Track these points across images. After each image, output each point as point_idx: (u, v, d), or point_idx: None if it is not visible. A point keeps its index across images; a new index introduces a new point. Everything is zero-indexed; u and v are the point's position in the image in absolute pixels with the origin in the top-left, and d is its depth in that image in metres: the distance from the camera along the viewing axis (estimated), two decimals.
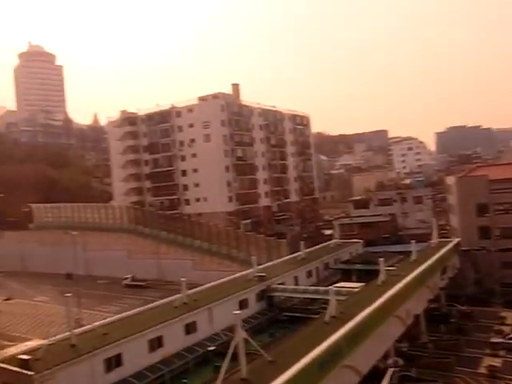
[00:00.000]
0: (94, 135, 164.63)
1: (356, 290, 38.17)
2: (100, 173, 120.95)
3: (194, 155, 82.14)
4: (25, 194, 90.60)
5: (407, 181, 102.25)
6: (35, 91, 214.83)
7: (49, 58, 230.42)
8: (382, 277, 37.77)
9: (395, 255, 53.84)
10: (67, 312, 28.90)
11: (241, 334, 20.82)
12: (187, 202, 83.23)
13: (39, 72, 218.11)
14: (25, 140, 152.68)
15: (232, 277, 42.94)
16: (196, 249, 69.05)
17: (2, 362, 24.03)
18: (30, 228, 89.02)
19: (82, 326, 33.31)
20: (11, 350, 28.64)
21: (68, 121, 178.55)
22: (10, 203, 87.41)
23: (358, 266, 49.60)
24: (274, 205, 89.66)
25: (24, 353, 24.89)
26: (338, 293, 33.76)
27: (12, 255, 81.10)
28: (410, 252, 48.84)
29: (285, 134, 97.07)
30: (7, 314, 54.70)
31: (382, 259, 39.38)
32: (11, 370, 22.98)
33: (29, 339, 39.38)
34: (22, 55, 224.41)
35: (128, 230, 75.87)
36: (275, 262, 50.43)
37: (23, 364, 23.31)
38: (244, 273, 43.52)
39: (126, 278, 67.05)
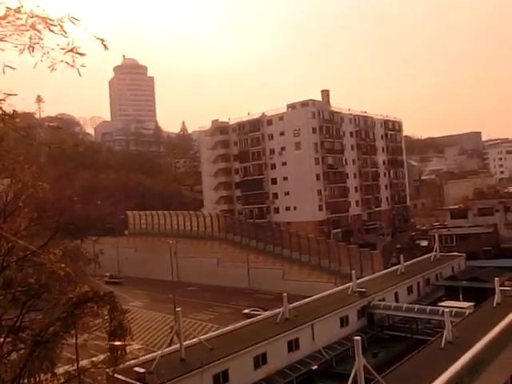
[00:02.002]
0: (183, 143, 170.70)
1: (467, 310, 35.65)
2: (190, 180, 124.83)
3: (284, 163, 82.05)
4: (120, 201, 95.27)
5: (511, 188, 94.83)
6: (128, 102, 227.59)
7: (141, 69, 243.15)
8: (496, 298, 34.91)
9: (503, 271, 49.90)
10: (174, 323, 29.47)
11: (361, 360, 19.78)
12: (277, 210, 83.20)
13: (132, 83, 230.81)
14: (118, 149, 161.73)
15: (332, 291, 41.90)
16: (285, 258, 68.62)
17: (119, 374, 24.89)
18: (125, 234, 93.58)
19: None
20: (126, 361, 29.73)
21: (158, 129, 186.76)
22: (106, 210, 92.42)
23: (464, 284, 46.37)
24: (364, 213, 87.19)
25: (138, 365, 25.67)
26: (443, 313, 31.71)
27: (108, 260, 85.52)
28: None
29: (376, 140, 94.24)
30: None
31: (497, 278, 36.52)
32: (129, 383, 23.70)
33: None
34: (116, 68, 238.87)
35: (218, 237, 77.23)
36: (374, 276, 48.53)
37: (139, 377, 24.00)
38: (343, 287, 42.27)
39: (106, 276, 72.38)
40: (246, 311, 55.33)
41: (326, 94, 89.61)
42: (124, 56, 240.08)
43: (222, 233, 77.36)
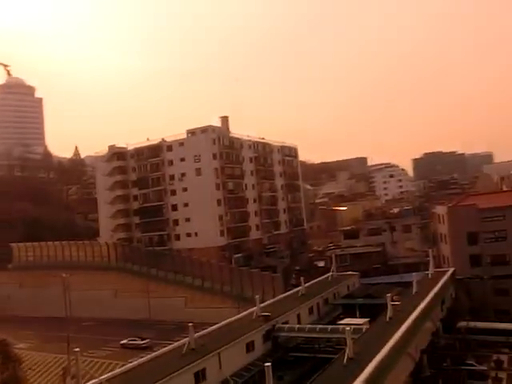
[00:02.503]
0: (75, 169, 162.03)
1: (364, 326, 37.55)
2: (84, 208, 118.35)
3: (184, 189, 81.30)
4: (3, 232, 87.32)
5: (395, 209, 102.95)
6: (12, 124, 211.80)
7: (28, 90, 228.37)
8: (389, 313, 37.29)
9: (392, 287, 53.61)
10: (67, 364, 27.31)
11: None
12: (177, 237, 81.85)
13: (17, 105, 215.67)
14: (1, 174, 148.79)
15: (236, 317, 41.77)
16: (187, 286, 67.56)
17: None
18: (8, 269, 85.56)
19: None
20: None
21: (47, 154, 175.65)
22: None
23: (359, 301, 49.00)
24: (264, 237, 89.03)
25: None
26: (343, 331, 33.19)
27: None
28: (407, 283, 48.57)
29: (274, 165, 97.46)
30: None
31: (388, 294, 39.08)
32: None
33: None
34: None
35: (115, 267, 73.92)
36: (276, 298, 49.38)
37: None
38: (247, 312, 42.38)
39: None
40: (123, 341, 54.20)
41: (225, 120, 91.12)
42: (8, 73, 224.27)
43: (120, 262, 74.20)
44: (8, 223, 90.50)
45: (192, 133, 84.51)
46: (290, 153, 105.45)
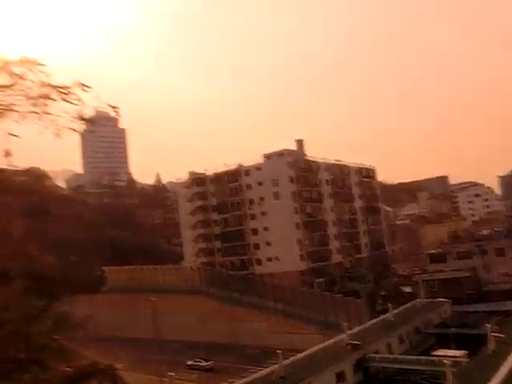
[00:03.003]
0: (158, 194, 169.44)
1: (462, 359, 35.13)
2: (168, 233, 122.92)
3: (263, 213, 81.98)
4: (96, 256, 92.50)
5: (485, 231, 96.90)
6: (100, 154, 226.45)
7: (113, 121, 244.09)
8: (490, 345, 34.65)
9: (490, 316, 49.94)
10: None
11: None
12: (259, 261, 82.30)
13: (104, 135, 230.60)
14: (92, 202, 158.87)
15: (324, 344, 40.79)
16: (270, 310, 67.10)
17: None
18: (102, 291, 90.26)
19: None
20: None
21: (132, 181, 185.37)
22: (82, 266, 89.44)
23: (454, 331, 46.03)
24: (345, 261, 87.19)
25: None
26: (441, 363, 31.23)
27: (84, 319, 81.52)
28: (506, 312, 45.05)
29: (352, 187, 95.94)
30: None
31: (488, 325, 36.43)
32: None
33: None
34: (89, 120, 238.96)
35: (199, 291, 75.26)
36: (364, 326, 47.70)
37: None
38: (335, 340, 41.24)
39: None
40: (189, 363, 57.23)
41: (300, 143, 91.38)
42: (95, 108, 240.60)
43: (204, 286, 75.56)
44: (99, 248, 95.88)
45: (268, 157, 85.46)
46: (367, 174, 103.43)
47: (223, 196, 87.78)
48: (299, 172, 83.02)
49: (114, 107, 8.89)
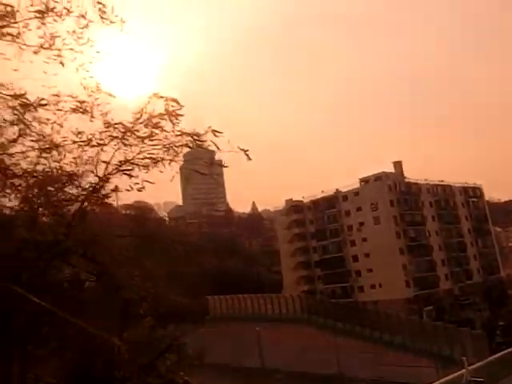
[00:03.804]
0: (255, 223, 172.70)
1: None
2: (266, 261, 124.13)
3: (364, 239, 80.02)
4: (198, 286, 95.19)
5: None
6: (199, 186, 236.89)
7: (210, 154, 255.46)
8: None
9: None
10: None
11: None
12: (361, 289, 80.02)
13: (202, 168, 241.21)
14: (192, 232, 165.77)
15: (444, 380, 38.07)
16: (376, 340, 64.17)
17: None
18: (206, 320, 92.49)
19: None
20: None
21: (229, 210, 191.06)
22: (185, 296, 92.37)
23: None
24: (455, 287, 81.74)
25: None
26: None
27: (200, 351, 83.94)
28: None
29: (457, 208, 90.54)
30: None
31: None
32: None
33: None
34: (186, 155, 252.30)
35: (301, 320, 74.47)
36: (486, 361, 43.84)
37: None
38: (455, 375, 38.19)
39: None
40: None
41: (398, 165, 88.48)
42: (194, 141, 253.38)
43: (306, 315, 74.72)
44: (201, 277, 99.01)
45: (365, 181, 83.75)
46: (474, 193, 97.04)
47: (321, 223, 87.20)
48: (399, 195, 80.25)
49: (245, 151, 9.24)
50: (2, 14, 11.22)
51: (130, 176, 12.75)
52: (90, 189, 13.08)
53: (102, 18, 11.96)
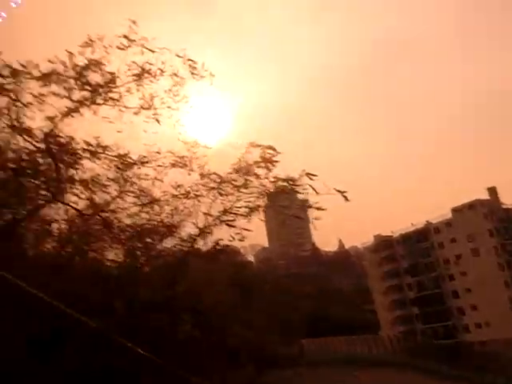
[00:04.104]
0: (343, 261, 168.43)
1: None
2: (359, 300, 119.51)
3: (463, 273, 74.67)
4: (293, 329, 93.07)
5: None
6: (285, 228, 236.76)
7: (292, 194, 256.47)
8: None
9: None
10: None
11: None
12: (466, 328, 73.94)
13: (286, 206, 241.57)
14: (280, 273, 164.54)
15: None
16: None
17: None
18: (302, 364, 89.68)
19: None
20: None
21: (315, 249, 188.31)
22: (281, 339, 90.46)
23: None
24: None
25: None
26: None
27: None
28: None
29: None
30: None
31: None
32: None
33: None
34: (270, 195, 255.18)
35: (402, 363, 69.97)
36: None
37: None
38: None
39: None
40: None
41: (493, 191, 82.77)
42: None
43: (406, 358, 70.20)
44: (295, 319, 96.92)
45: (458, 210, 79.01)
46: None
47: (414, 257, 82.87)
48: (498, 223, 74.52)
49: (342, 192, 9.01)
50: (106, 81, 12.19)
51: (231, 226, 12.96)
52: (191, 240, 13.40)
53: (192, 74, 12.61)
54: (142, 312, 10.60)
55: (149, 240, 14.48)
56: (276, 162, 9.94)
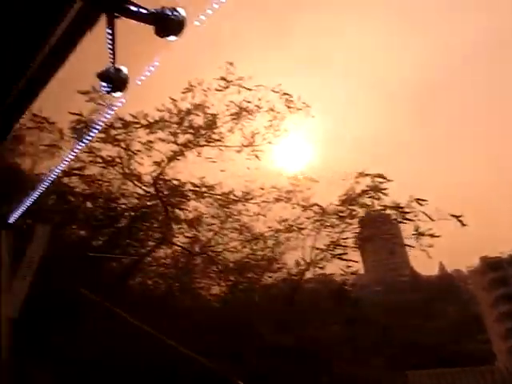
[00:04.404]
0: (446, 286, 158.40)
1: None
2: (468, 329, 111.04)
3: None
4: (396, 359, 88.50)
5: None
6: (380, 251, 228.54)
7: (386, 217, 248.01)
8: None
9: None
10: None
11: None
12: None
13: (394, 237, 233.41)
14: (377, 300, 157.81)
15: None
16: None
17: None
18: None
19: None
20: None
21: (415, 275, 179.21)
22: (382, 372, 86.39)
23: None
24: None
25: None
26: None
27: None
28: None
29: None
30: None
31: None
32: None
33: None
34: (365, 220, 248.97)
35: None
36: None
37: None
38: None
39: None
40: None
41: None
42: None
43: None
44: (395, 351, 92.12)
45: None
46: None
47: None
48: None
49: (457, 217, 8.41)
50: (208, 122, 12.66)
51: (343, 259, 12.66)
52: (299, 273, 13.19)
53: (288, 107, 12.72)
54: (258, 354, 10.50)
55: (253, 275, 14.49)
56: (385, 189, 9.53)
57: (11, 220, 5.89)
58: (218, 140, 12.04)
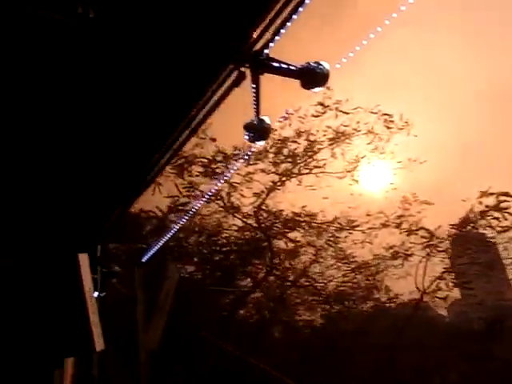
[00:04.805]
0: None
1: None
2: None
3: None
4: None
5: None
6: (477, 275, 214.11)
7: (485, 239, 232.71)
8: None
9: None
10: None
11: None
12: None
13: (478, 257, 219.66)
14: (476, 328, 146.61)
15: None
16: None
17: None
18: None
19: None
20: None
21: None
22: None
23: None
24: None
25: None
26: None
27: None
28: None
29: None
30: None
31: None
32: None
33: None
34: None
35: None
36: None
37: None
38: None
39: None
40: None
41: None
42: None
43: None
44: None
45: None
46: None
47: None
48: None
49: None
50: (308, 150, 12.45)
51: (467, 289, 11.66)
52: (413, 303, 12.34)
53: (388, 128, 12.16)
54: None
55: (356, 304, 13.87)
56: (506, 209, 8.62)
57: (144, 259, 6.03)
58: (319, 167, 11.74)
